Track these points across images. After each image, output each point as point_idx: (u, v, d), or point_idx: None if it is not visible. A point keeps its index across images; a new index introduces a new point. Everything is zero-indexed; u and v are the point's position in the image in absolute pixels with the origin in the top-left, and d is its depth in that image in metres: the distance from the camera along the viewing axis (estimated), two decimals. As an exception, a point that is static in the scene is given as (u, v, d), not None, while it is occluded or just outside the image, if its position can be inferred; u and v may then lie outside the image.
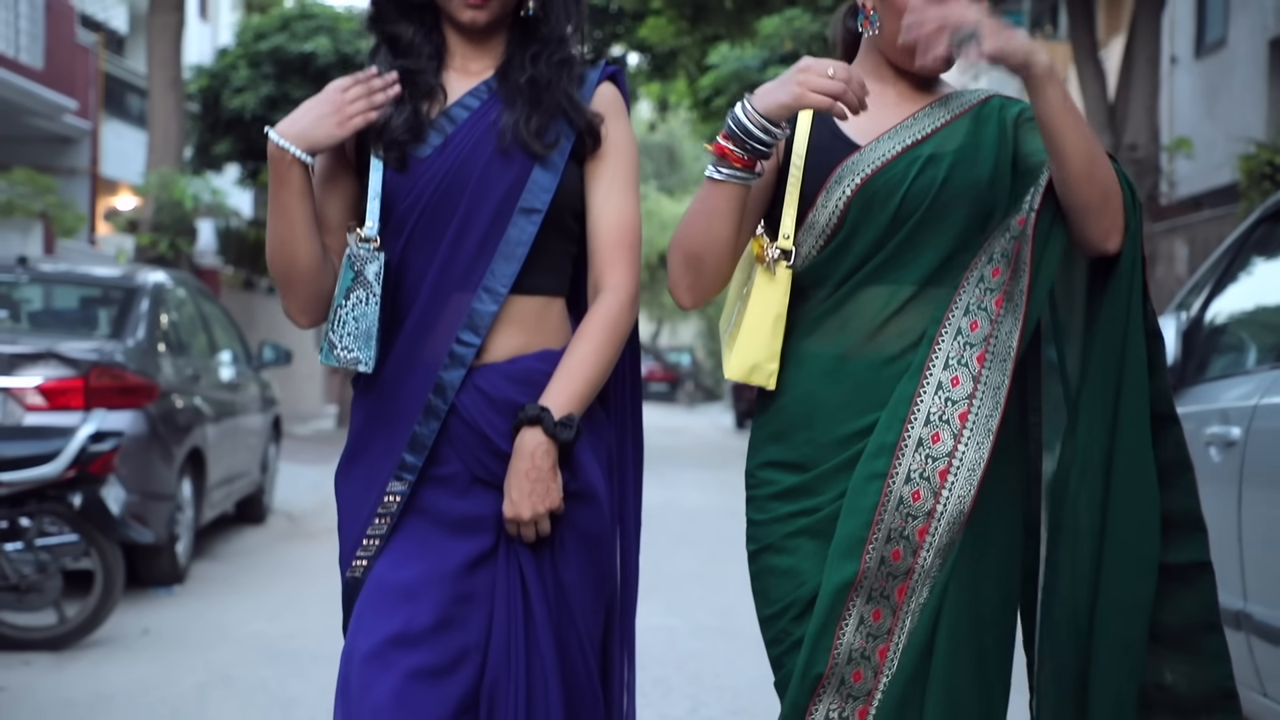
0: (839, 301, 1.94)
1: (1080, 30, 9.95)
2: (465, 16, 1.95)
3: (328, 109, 1.90)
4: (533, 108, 1.94)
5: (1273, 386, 3.12)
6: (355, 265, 1.92)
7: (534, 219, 1.92)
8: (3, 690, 4.65)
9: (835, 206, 1.94)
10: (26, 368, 6.04)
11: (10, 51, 14.17)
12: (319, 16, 17.10)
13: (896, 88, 2.00)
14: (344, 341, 1.92)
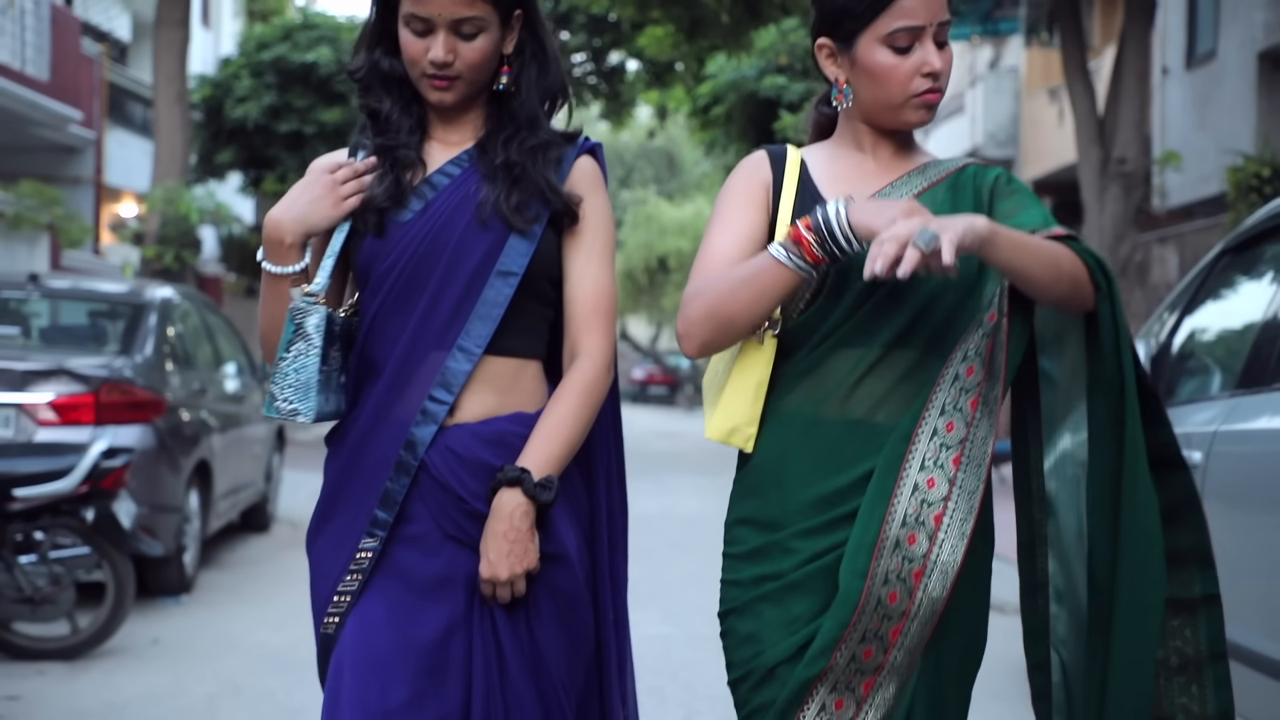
0: (816, 362, 1.97)
1: (1070, 45, 10.11)
2: (433, 97, 2.00)
3: (321, 191, 1.96)
4: (512, 185, 1.99)
5: (1231, 413, 3.29)
6: (296, 318, 1.95)
7: (510, 281, 1.96)
8: (18, 699, 4.82)
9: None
10: (38, 384, 6.21)
11: (16, 64, 14.34)
12: (321, 27, 17.31)
13: (876, 156, 2.04)
14: (284, 394, 1.96)
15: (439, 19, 1.95)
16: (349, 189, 1.97)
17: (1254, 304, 3.46)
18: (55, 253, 12.74)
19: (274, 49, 17.05)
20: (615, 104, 20.43)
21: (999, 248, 1.78)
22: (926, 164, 2.05)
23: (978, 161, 2.06)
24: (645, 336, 43.50)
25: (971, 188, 2.00)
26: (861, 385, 1.95)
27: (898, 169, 2.03)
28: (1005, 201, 1.98)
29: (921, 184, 2.00)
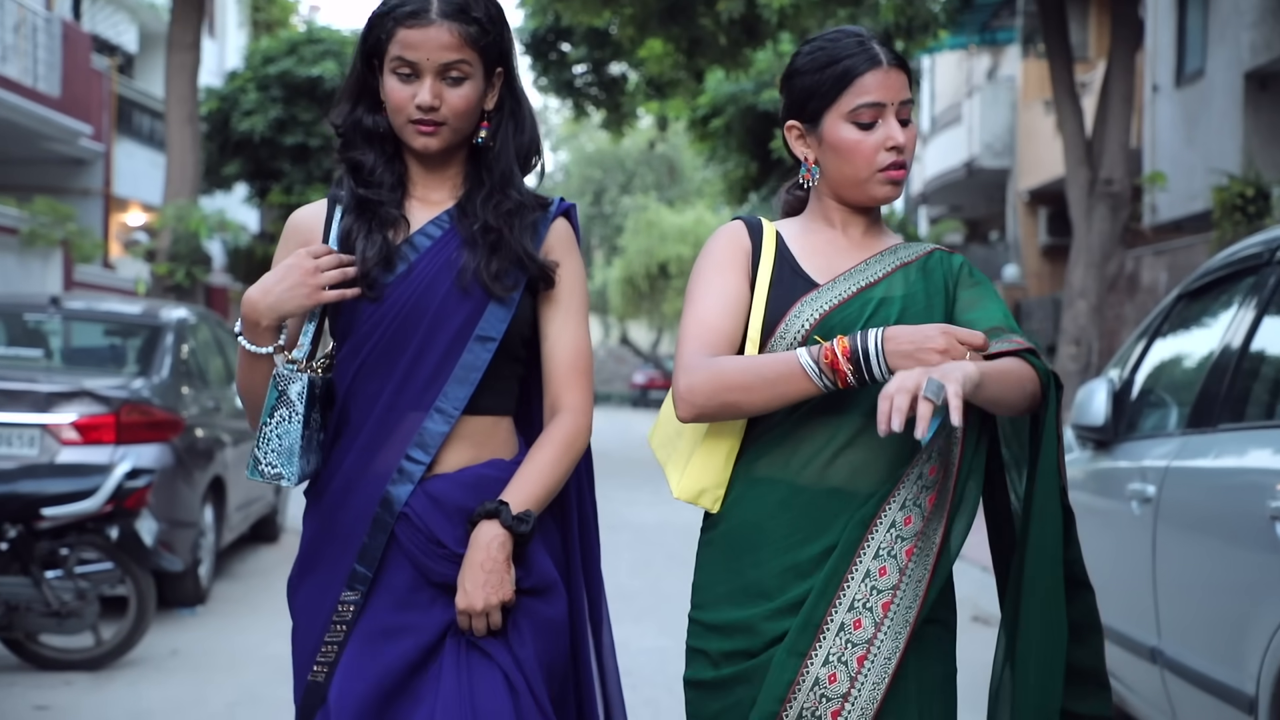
0: (792, 428, 2.01)
1: (1058, 68, 10.37)
2: (418, 143, 2.02)
3: (299, 278, 1.97)
4: (492, 252, 2.03)
5: (1182, 451, 3.55)
6: (280, 385, 2.00)
7: (489, 346, 2.01)
8: (48, 709, 5.08)
9: (794, 338, 2.01)
10: (61, 405, 6.47)
11: (29, 80, 14.62)
12: (326, 41, 17.58)
13: (848, 234, 2.11)
14: (268, 458, 2.00)
15: (427, 64, 1.99)
16: (328, 278, 1.98)
17: (1205, 348, 3.73)
18: (68, 267, 13.01)
19: (280, 63, 17.33)
20: (616, 114, 20.66)
21: (985, 387, 1.85)
22: (896, 245, 2.13)
23: (942, 247, 2.14)
24: (646, 342, 43.76)
25: (940, 272, 2.09)
26: (842, 455, 2.00)
27: (870, 247, 2.11)
28: (967, 292, 2.07)
29: (894, 263, 2.08)
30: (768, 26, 11.47)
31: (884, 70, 2.01)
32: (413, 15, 1.98)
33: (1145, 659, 3.67)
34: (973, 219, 26.98)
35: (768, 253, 2.09)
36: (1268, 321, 3.38)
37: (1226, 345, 3.53)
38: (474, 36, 2.00)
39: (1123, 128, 9.99)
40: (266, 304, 1.97)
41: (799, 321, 2.02)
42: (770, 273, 2.07)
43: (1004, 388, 1.88)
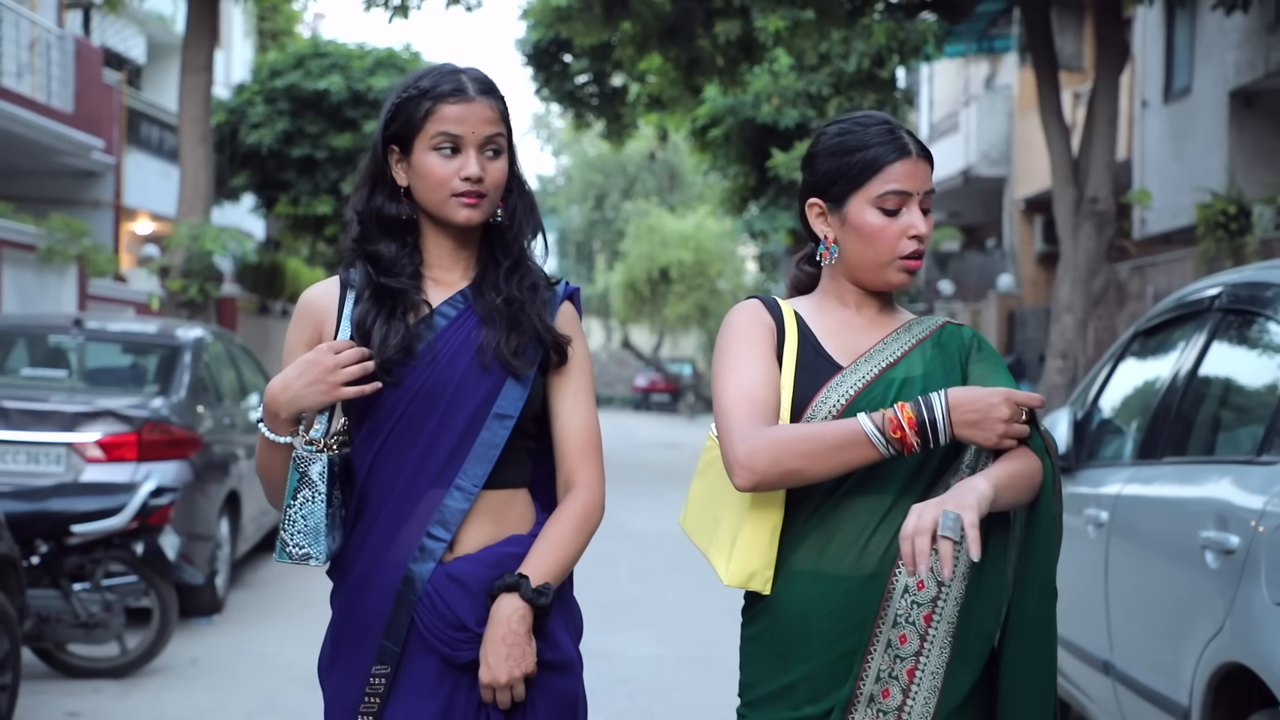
0: (827, 513, 2.04)
1: (1046, 92, 10.67)
2: (462, 216, 2.06)
3: (318, 375, 1.99)
4: (511, 328, 2.07)
5: (1131, 480, 3.86)
6: (300, 466, 2.02)
7: (507, 424, 2.05)
8: (78, 716, 5.40)
9: (824, 420, 2.04)
10: (86, 424, 6.79)
11: (43, 97, 14.95)
12: (332, 55, 17.88)
13: (863, 313, 2.15)
14: (295, 539, 2.03)
15: (471, 137, 2.04)
16: (348, 374, 1.99)
17: (1155, 384, 4.04)
18: (83, 281, 13.34)
19: (287, 76, 17.63)
20: (616, 124, 20.92)
21: (1000, 499, 1.92)
22: (910, 322, 2.17)
23: (952, 321, 2.19)
24: (648, 345, 44.05)
25: (954, 346, 2.13)
26: (874, 539, 2.02)
27: (885, 326, 2.15)
28: (978, 366, 2.11)
29: (910, 341, 2.12)
30: (763, 47, 11.79)
31: (913, 160, 2.07)
32: (454, 93, 2.03)
33: (1100, 671, 3.98)
34: (970, 225, 27.27)
35: (791, 332, 2.12)
36: (1206, 364, 3.69)
37: (1172, 383, 3.84)
38: (504, 112, 2.09)
39: (1107, 148, 10.30)
40: (286, 398, 2.00)
41: (827, 405, 2.04)
42: (796, 353, 2.10)
43: (1017, 493, 1.95)
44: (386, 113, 2.09)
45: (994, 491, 1.90)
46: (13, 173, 16.46)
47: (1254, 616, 2.91)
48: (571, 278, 43.53)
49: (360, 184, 2.12)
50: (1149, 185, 14.38)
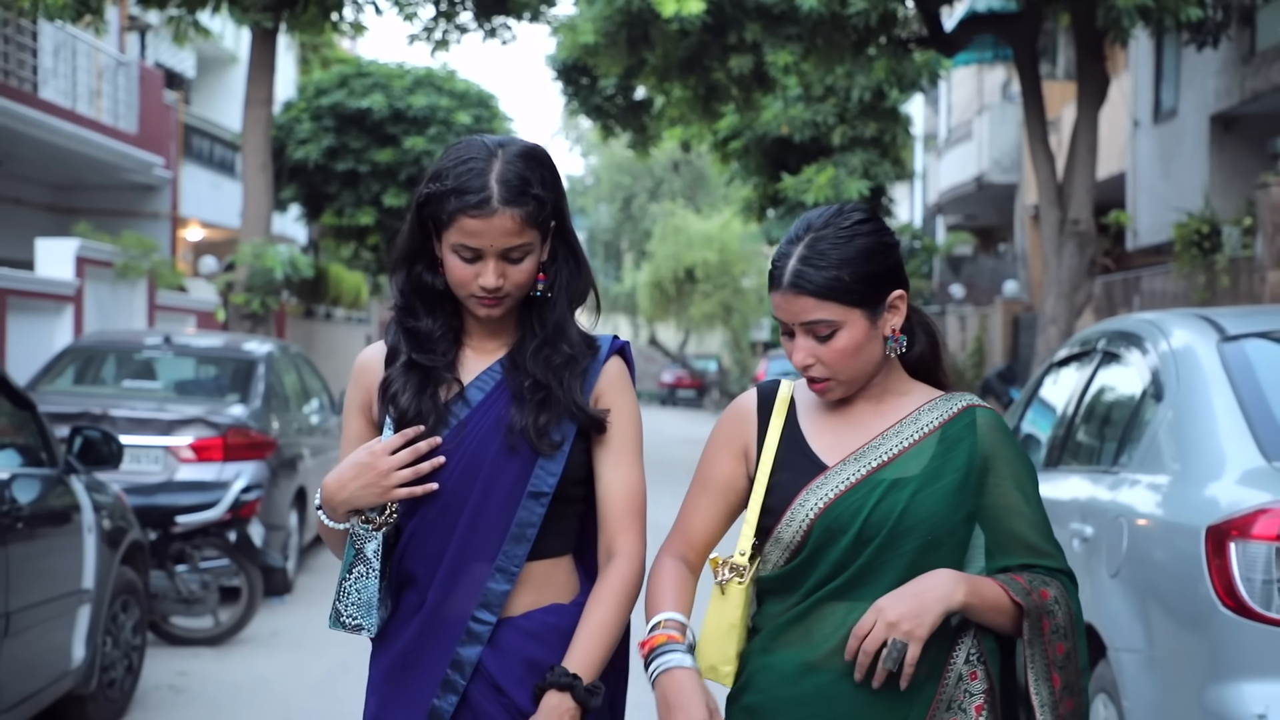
0: (802, 613, 1.98)
1: (1033, 120, 11.63)
2: (481, 313, 2.04)
3: (372, 478, 1.99)
4: (540, 408, 2.03)
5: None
6: (356, 544, 2.03)
7: (543, 501, 2.02)
8: (187, 675, 6.49)
9: (800, 526, 1.98)
10: (180, 430, 7.90)
11: (109, 120, 16.13)
12: (374, 74, 18.94)
13: (864, 398, 2.06)
14: (349, 610, 2.05)
15: (490, 249, 1.99)
16: (402, 477, 1.99)
17: (1058, 406, 5.05)
18: (152, 293, 14.50)
19: (331, 95, 18.70)
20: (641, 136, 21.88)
21: (971, 611, 1.91)
22: (924, 407, 2.04)
23: (974, 402, 2.05)
24: (674, 342, 45.11)
25: (965, 445, 1.99)
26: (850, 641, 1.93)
27: (886, 416, 2.04)
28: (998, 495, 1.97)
29: (912, 436, 2.01)
30: (774, 80, 12.82)
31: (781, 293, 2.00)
32: (476, 206, 1.98)
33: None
34: (986, 227, 28.12)
35: (775, 430, 2.07)
36: (1090, 392, 4.70)
37: (1067, 406, 4.85)
38: (533, 215, 2.00)
39: (1088, 174, 11.24)
40: (340, 499, 2.01)
41: (804, 510, 1.98)
42: (774, 455, 2.05)
43: (996, 617, 1.93)
44: (418, 196, 2.05)
45: (966, 606, 1.89)
46: (79, 187, 17.65)
47: (1098, 587, 3.93)
48: (599, 276, 44.65)
49: (400, 256, 2.10)
50: (1140, 200, 15.30)
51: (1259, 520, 3.22)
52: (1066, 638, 1.97)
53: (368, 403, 2.13)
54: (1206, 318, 4.09)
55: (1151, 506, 3.73)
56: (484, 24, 13.91)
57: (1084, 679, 1.99)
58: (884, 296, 2.01)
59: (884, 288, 2.01)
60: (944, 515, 1.97)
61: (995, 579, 1.95)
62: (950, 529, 1.97)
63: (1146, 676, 3.57)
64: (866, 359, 2.01)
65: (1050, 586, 1.97)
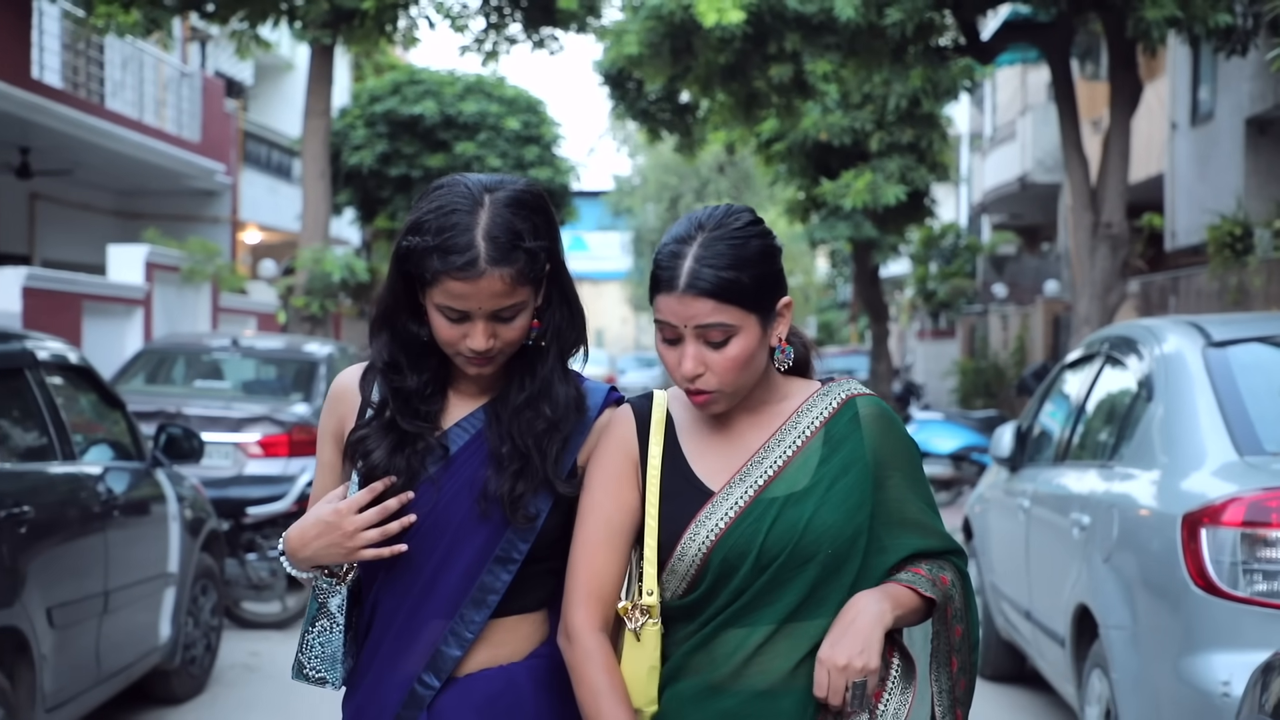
0: (703, 640, 1.91)
1: (1067, 125, 11.92)
2: (471, 371, 1.94)
3: (337, 538, 1.90)
4: (515, 479, 1.93)
5: (1045, 477, 5.24)
6: (319, 598, 1.99)
7: (510, 568, 1.93)
8: (259, 655, 6.98)
9: (693, 559, 1.89)
10: (248, 427, 8.40)
11: (173, 129, 16.76)
12: (426, 81, 19.48)
13: (741, 409, 1.94)
14: (312, 664, 2.01)
15: (479, 311, 1.88)
16: (367, 539, 1.90)
17: (1067, 405, 5.41)
18: (215, 296, 15.11)
19: (385, 102, 19.25)
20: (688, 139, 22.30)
21: (902, 620, 1.91)
22: (799, 409, 1.95)
23: (856, 391, 1.98)
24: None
25: (852, 440, 1.92)
26: (753, 661, 1.89)
27: (768, 423, 1.95)
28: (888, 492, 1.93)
29: (794, 443, 1.93)
30: (814, 88, 13.17)
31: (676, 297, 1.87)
32: (461, 269, 1.85)
33: (1024, 618, 5.37)
34: (1031, 226, 28.27)
35: (655, 455, 1.94)
36: (1093, 393, 5.06)
37: (1074, 405, 5.22)
38: (525, 272, 1.88)
39: (1121, 178, 11.50)
40: (303, 556, 1.94)
41: (695, 544, 1.89)
42: (659, 484, 1.93)
43: (906, 621, 1.93)
44: (398, 249, 1.91)
45: (896, 619, 1.89)
46: (143, 193, 18.31)
47: (1092, 570, 4.30)
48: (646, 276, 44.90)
49: (382, 313, 1.98)
50: (1178, 201, 15.51)
51: (1228, 508, 3.59)
52: (962, 620, 1.96)
53: (340, 431, 2.03)
54: (1195, 324, 4.44)
55: (1139, 497, 4.10)
56: (532, 35, 14.37)
57: (974, 656, 1.99)
58: (774, 303, 1.91)
59: (776, 293, 1.91)
60: (842, 525, 1.89)
61: (900, 582, 1.92)
62: (851, 537, 1.89)
63: (1131, 651, 3.94)
64: (755, 369, 1.90)
65: (946, 570, 1.96)
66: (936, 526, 1.98)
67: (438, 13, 13.67)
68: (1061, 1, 10.50)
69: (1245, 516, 3.54)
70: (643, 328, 51.87)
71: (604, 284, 50.01)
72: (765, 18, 12.10)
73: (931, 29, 11.57)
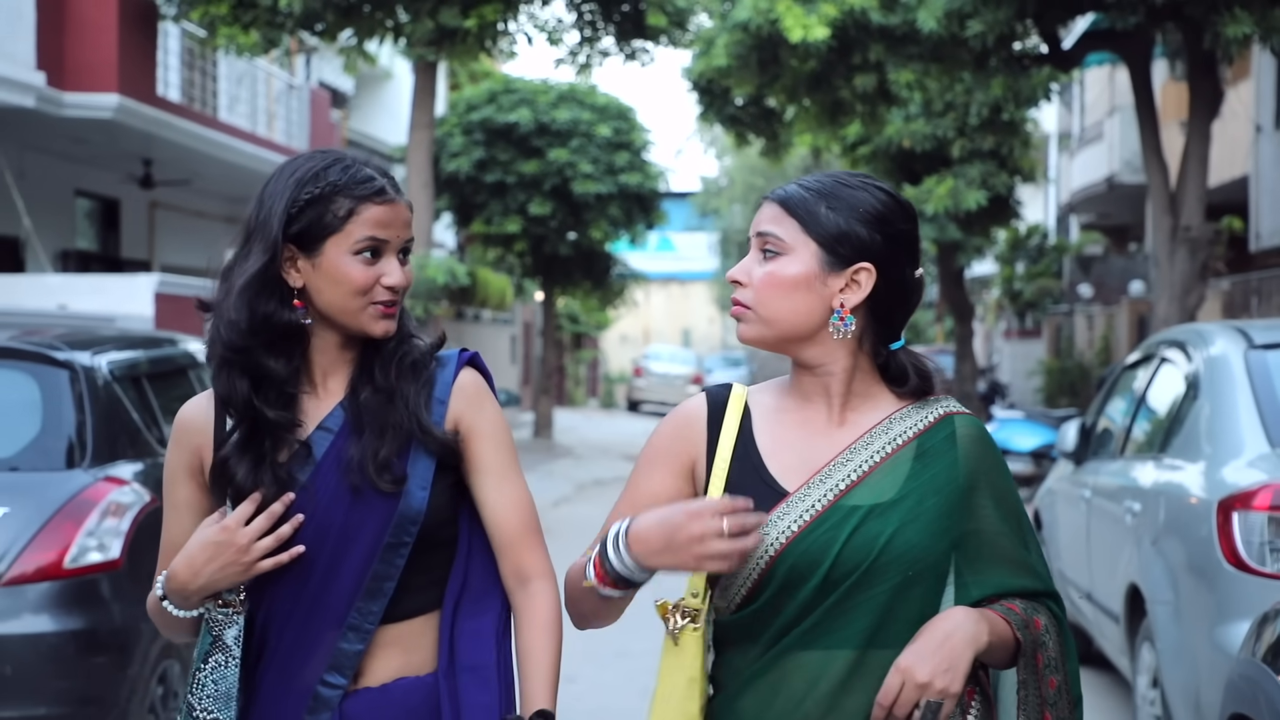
0: (767, 665, 1.75)
1: (1147, 130, 12.21)
2: (379, 327, 1.86)
3: (231, 556, 1.81)
4: (379, 436, 1.84)
5: (1105, 470, 5.67)
6: (214, 630, 1.85)
7: (403, 552, 1.84)
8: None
9: (758, 561, 1.74)
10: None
11: (282, 139, 17.62)
12: (520, 90, 20.17)
13: (825, 403, 1.82)
14: (203, 704, 1.85)
15: (395, 241, 1.86)
16: (263, 547, 1.82)
17: (1126, 401, 5.83)
18: (324, 299, 15.92)
19: (481, 111, 19.97)
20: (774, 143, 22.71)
21: (991, 651, 1.74)
22: (892, 416, 1.80)
23: (954, 409, 1.83)
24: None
25: (945, 460, 1.78)
26: (846, 698, 1.72)
27: (854, 426, 1.80)
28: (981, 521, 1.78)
29: (883, 449, 1.78)
30: (898, 97, 13.59)
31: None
32: (380, 192, 1.84)
33: (1086, 600, 5.80)
34: (1119, 226, 28.24)
35: (725, 446, 1.81)
36: (1150, 390, 5.48)
37: (1133, 402, 5.64)
38: (412, 210, 1.92)
39: (1200, 183, 11.76)
40: (197, 585, 1.82)
41: (762, 546, 1.74)
42: (725, 477, 1.80)
43: (996, 655, 1.77)
44: (283, 209, 1.83)
45: (989, 647, 1.72)
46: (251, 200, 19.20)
47: (1141, 553, 4.74)
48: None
49: (243, 286, 1.84)
50: (1261, 203, 15.64)
51: (1258, 495, 4.02)
52: (1058, 670, 1.79)
53: (196, 465, 1.92)
54: (1239, 329, 4.85)
55: (1183, 486, 4.53)
56: (624, 47, 14.95)
57: (1076, 714, 1.80)
58: (851, 258, 1.77)
59: (857, 250, 1.77)
60: (927, 546, 1.74)
61: (995, 610, 1.77)
62: (934, 561, 1.75)
63: (1173, 623, 4.38)
64: (796, 308, 1.77)
65: (1040, 614, 1.80)
66: (1032, 564, 1.82)
67: (535, 28, 14.30)
68: (1140, 12, 10.81)
69: (1272, 501, 3.97)
70: (728, 327, 52.29)
71: (690, 284, 50.54)
72: (850, 30, 12.53)
73: (1013, 38, 11.92)
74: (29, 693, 4.01)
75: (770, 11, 12.40)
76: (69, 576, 4.08)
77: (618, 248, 22.89)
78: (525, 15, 14.02)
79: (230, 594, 1.86)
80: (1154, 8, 10.29)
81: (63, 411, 4.40)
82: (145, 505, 4.35)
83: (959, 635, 1.70)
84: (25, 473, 4.28)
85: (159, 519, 2.01)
